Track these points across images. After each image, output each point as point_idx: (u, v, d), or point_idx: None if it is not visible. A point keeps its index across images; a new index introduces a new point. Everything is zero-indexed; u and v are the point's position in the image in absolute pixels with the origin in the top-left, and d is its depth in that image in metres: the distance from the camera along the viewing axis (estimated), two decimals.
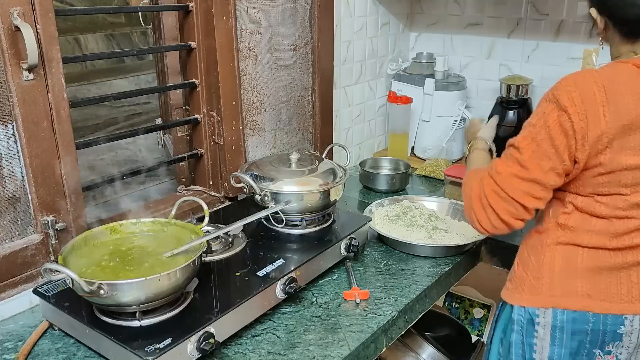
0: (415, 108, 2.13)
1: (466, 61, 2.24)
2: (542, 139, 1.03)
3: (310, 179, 1.40)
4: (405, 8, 2.27)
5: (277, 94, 1.72)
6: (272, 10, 1.62)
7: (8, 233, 1.19)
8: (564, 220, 1.11)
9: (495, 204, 1.07)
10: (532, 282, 1.12)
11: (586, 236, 1.09)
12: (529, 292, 1.12)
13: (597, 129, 1.01)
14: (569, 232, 1.10)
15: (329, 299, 1.27)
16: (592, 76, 1.03)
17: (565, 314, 1.08)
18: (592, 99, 1.01)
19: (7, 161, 1.16)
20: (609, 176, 1.05)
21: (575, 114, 1.01)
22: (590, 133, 1.01)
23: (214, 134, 1.57)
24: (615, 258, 1.08)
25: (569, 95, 1.02)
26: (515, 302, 1.13)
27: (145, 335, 1.00)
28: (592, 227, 1.09)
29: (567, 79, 1.04)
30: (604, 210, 1.08)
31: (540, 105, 1.06)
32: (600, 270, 1.09)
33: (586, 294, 1.08)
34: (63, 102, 1.20)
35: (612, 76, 1.04)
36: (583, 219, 1.09)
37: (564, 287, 1.09)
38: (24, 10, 1.10)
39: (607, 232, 1.08)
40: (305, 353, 1.09)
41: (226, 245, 1.32)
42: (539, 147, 1.04)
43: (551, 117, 1.03)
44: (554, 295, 1.09)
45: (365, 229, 1.47)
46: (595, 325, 1.08)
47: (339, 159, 1.96)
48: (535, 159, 1.04)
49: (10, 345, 1.11)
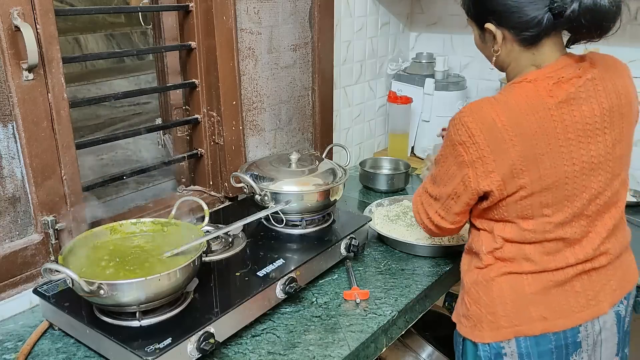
0: (415, 108, 2.13)
1: (466, 61, 2.24)
2: (442, 165, 1.11)
3: (310, 179, 1.40)
4: (405, 8, 2.27)
5: (277, 94, 1.72)
6: (272, 10, 1.62)
7: (8, 233, 1.19)
8: (500, 254, 1.11)
9: (421, 213, 1.21)
10: (489, 318, 1.11)
11: (525, 264, 1.09)
12: (489, 328, 1.11)
13: (506, 160, 1.01)
14: (508, 263, 1.10)
15: (329, 299, 1.27)
16: (491, 110, 1.02)
17: (527, 340, 1.09)
18: (494, 128, 1.01)
19: (7, 161, 1.16)
20: (530, 199, 1.04)
21: (472, 147, 1.03)
22: (497, 163, 1.02)
23: (214, 134, 1.57)
24: (557, 276, 1.09)
25: (466, 129, 1.03)
26: (478, 340, 1.13)
27: (145, 335, 1.00)
28: (528, 255, 1.09)
29: (463, 113, 1.05)
30: (532, 236, 1.07)
31: (446, 133, 1.10)
32: (547, 291, 1.10)
33: (542, 317, 1.09)
34: (63, 102, 1.20)
35: (510, 102, 1.03)
36: (517, 249, 1.09)
37: (519, 316, 1.09)
38: (24, 10, 1.10)
39: (542, 255, 1.09)
40: (305, 353, 1.09)
41: (226, 245, 1.32)
42: (439, 172, 1.13)
43: (448, 149, 1.08)
44: (513, 325, 1.10)
45: (365, 229, 1.47)
46: (557, 342, 1.10)
47: (339, 159, 1.96)
48: (438, 182, 1.13)
49: (10, 345, 1.11)
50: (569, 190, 1.05)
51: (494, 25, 1.07)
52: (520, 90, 1.04)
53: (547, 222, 1.06)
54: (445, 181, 1.11)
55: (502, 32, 1.07)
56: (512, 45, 1.07)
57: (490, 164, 1.02)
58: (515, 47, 1.07)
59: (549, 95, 1.02)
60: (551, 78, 1.04)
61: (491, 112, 1.02)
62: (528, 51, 1.07)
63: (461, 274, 1.21)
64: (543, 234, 1.07)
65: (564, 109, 1.02)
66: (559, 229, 1.07)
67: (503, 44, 1.08)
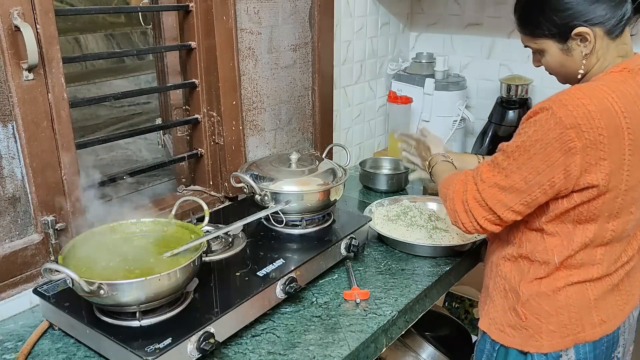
0: (415, 108, 2.13)
1: (466, 61, 2.24)
2: (535, 153, 0.99)
3: (310, 179, 1.40)
4: (405, 8, 2.27)
5: (277, 94, 1.72)
6: (272, 10, 1.62)
7: (8, 233, 1.19)
8: (570, 261, 1.08)
9: (475, 211, 1.07)
10: (550, 328, 1.09)
11: (593, 269, 1.08)
12: (549, 337, 1.10)
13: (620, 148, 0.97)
14: (575, 270, 1.08)
15: (329, 299, 1.27)
16: (607, 94, 0.97)
17: (586, 346, 1.10)
18: (612, 113, 0.96)
19: (7, 161, 1.16)
20: (628, 194, 1.02)
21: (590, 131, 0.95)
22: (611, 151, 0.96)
23: (214, 134, 1.57)
24: (613, 279, 1.11)
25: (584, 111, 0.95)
26: (534, 350, 1.10)
27: (145, 335, 1.00)
28: (597, 259, 1.07)
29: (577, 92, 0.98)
30: (611, 236, 1.06)
31: (540, 117, 1.00)
32: (606, 295, 1.11)
33: (601, 321, 1.10)
34: (63, 102, 1.20)
35: (620, 88, 0.99)
36: (588, 254, 1.07)
37: (583, 324, 1.09)
38: (24, 10, 1.10)
39: (609, 259, 1.09)
40: (305, 353, 1.09)
41: (226, 245, 1.32)
42: (529, 160, 1.00)
43: (552, 133, 0.97)
44: (575, 333, 1.09)
45: (365, 229, 1.47)
46: (607, 343, 1.12)
47: (339, 159, 1.96)
48: (522, 171, 1.01)
49: (10, 345, 1.11)
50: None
51: (585, 27, 1.02)
52: (622, 78, 1.02)
53: (629, 220, 1.05)
54: (541, 170, 0.99)
55: (593, 32, 1.03)
56: (601, 42, 1.04)
57: (605, 150, 0.96)
58: (604, 42, 1.04)
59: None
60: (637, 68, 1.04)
61: (608, 97, 0.97)
62: (614, 42, 1.05)
63: (504, 281, 1.16)
64: (621, 234, 1.06)
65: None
66: (633, 227, 1.07)
67: (594, 44, 1.04)
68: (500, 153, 1.06)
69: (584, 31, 1.03)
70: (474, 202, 1.07)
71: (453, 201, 1.11)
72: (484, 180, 1.06)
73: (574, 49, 1.06)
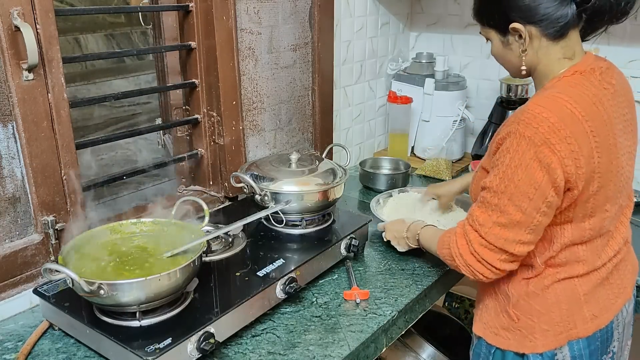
0: (415, 108, 2.13)
1: (466, 61, 2.24)
2: (520, 180, 0.98)
3: (310, 179, 1.40)
4: (405, 8, 2.27)
5: (277, 94, 1.72)
6: (272, 10, 1.62)
7: (8, 233, 1.19)
8: (553, 261, 1.09)
9: (487, 257, 1.05)
10: (543, 327, 1.09)
11: (577, 266, 1.09)
12: (542, 337, 1.09)
13: (588, 153, 0.98)
14: (561, 268, 1.09)
15: (329, 299, 1.27)
16: (565, 101, 0.98)
17: (580, 342, 1.10)
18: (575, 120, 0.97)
19: (7, 161, 1.16)
20: (601, 193, 1.03)
21: (560, 143, 0.95)
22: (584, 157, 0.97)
23: (214, 134, 1.57)
24: (602, 273, 1.12)
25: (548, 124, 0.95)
26: (529, 350, 1.10)
27: (145, 335, 1.00)
28: (581, 256, 1.08)
29: (536, 108, 0.98)
30: (590, 234, 1.07)
31: (510, 142, 0.99)
32: (595, 289, 1.11)
33: (593, 316, 1.10)
34: (63, 102, 1.20)
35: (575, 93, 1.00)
36: (571, 252, 1.08)
37: (575, 320, 1.09)
38: (24, 10, 1.10)
39: (593, 254, 1.09)
40: (305, 353, 1.09)
41: (226, 245, 1.32)
42: (517, 188, 0.99)
43: (527, 154, 0.96)
44: (568, 330, 1.09)
45: (365, 229, 1.47)
46: (602, 337, 1.12)
47: (339, 159, 1.96)
48: (515, 202, 0.99)
49: (10, 345, 1.11)
50: (622, 182, 1.06)
51: (520, 23, 1.03)
52: (576, 82, 1.02)
53: (605, 217, 1.06)
54: (532, 194, 0.97)
55: (528, 29, 1.04)
56: (539, 41, 1.05)
57: (580, 158, 0.96)
58: (543, 43, 1.05)
59: (604, 87, 1.03)
60: (594, 70, 1.04)
61: (567, 105, 0.98)
62: (557, 44, 1.05)
63: (495, 285, 1.16)
64: (599, 231, 1.07)
65: (616, 99, 1.04)
66: (611, 223, 1.08)
67: (530, 42, 1.05)
68: (486, 192, 1.04)
69: (518, 27, 1.04)
70: (483, 248, 1.05)
71: (462, 257, 1.08)
72: (482, 224, 1.04)
73: (512, 44, 1.08)
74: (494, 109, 2.09)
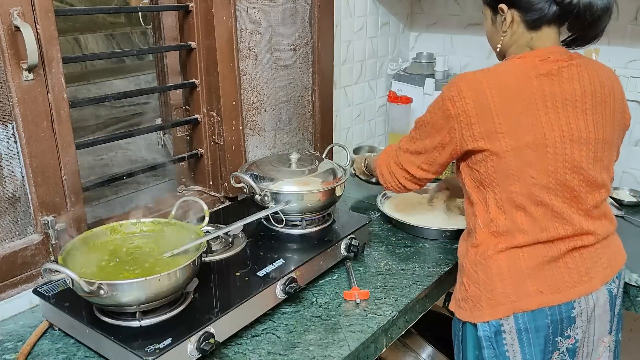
0: (415, 108, 2.13)
1: (466, 61, 2.24)
2: (428, 122, 1.20)
3: (310, 179, 1.40)
4: (405, 8, 2.27)
5: (277, 94, 1.72)
6: (272, 10, 1.62)
7: (8, 233, 1.19)
8: (494, 228, 1.15)
9: (396, 173, 1.31)
10: (487, 296, 1.14)
11: (519, 235, 1.13)
12: (488, 306, 1.14)
13: (487, 114, 1.09)
14: (503, 237, 1.15)
15: (329, 299, 1.27)
16: (479, 75, 1.13)
17: (525, 315, 1.12)
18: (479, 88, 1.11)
19: (7, 161, 1.16)
20: (514, 154, 1.09)
21: (460, 101, 1.11)
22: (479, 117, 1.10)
23: (214, 134, 1.57)
24: (550, 250, 1.14)
25: (456, 87, 1.12)
26: (478, 320, 1.15)
27: (145, 335, 1.00)
28: (520, 226, 1.13)
29: (459, 76, 1.16)
30: (521, 200, 1.12)
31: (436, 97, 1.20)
32: (542, 265, 1.13)
33: (538, 291, 1.12)
34: (63, 102, 1.20)
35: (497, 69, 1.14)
36: (510, 221, 1.14)
37: (517, 292, 1.12)
38: (24, 10, 1.10)
39: (534, 227, 1.13)
40: (305, 353, 1.09)
41: (226, 245, 1.32)
42: (426, 128, 1.21)
43: (436, 105, 1.17)
44: (511, 302, 1.12)
45: (365, 229, 1.47)
46: (552, 317, 1.13)
47: (339, 159, 1.96)
48: (423, 138, 1.22)
49: (10, 345, 1.11)
50: (551, 155, 1.10)
51: (506, 5, 1.16)
52: (509, 63, 1.16)
53: (532, 184, 1.11)
54: (432, 134, 1.19)
55: (511, 13, 1.16)
56: (517, 27, 1.16)
57: (473, 117, 1.11)
58: (519, 30, 1.16)
59: (532, 68, 1.12)
60: (538, 57, 1.13)
61: (479, 76, 1.13)
62: (528, 34, 1.16)
63: (459, 259, 1.25)
64: (531, 198, 1.11)
65: (544, 81, 1.11)
66: (545, 194, 1.11)
67: (510, 26, 1.17)
68: (413, 127, 1.28)
69: (503, 8, 1.16)
70: (395, 166, 1.31)
71: (380, 168, 1.36)
72: (400, 148, 1.30)
73: (497, 23, 1.21)
74: None
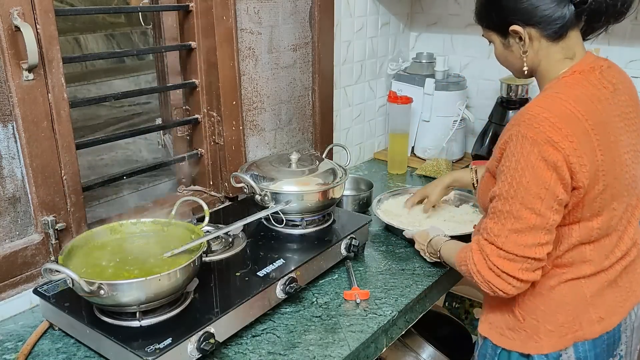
0: (415, 108, 2.13)
1: (466, 61, 2.24)
2: (529, 182, 0.97)
3: (310, 179, 1.40)
4: (405, 8, 2.27)
5: (277, 94, 1.72)
6: (272, 10, 1.62)
7: (8, 233, 1.19)
8: (560, 261, 1.08)
9: (508, 268, 1.01)
10: (548, 328, 1.08)
11: (584, 266, 1.08)
12: (547, 337, 1.08)
13: (591, 151, 0.98)
14: (567, 268, 1.08)
15: (329, 299, 1.27)
16: (564, 101, 0.99)
17: (586, 344, 1.09)
18: (575, 120, 0.97)
19: (7, 161, 1.16)
20: (607, 191, 1.03)
21: (562, 141, 0.95)
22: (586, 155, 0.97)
23: (214, 134, 1.57)
24: (610, 275, 1.11)
25: (549, 124, 0.96)
26: (534, 352, 1.09)
27: (145, 335, 1.00)
28: (588, 257, 1.07)
29: (535, 108, 0.99)
30: (598, 234, 1.06)
31: (513, 145, 0.99)
32: (603, 290, 1.10)
33: (599, 318, 1.09)
34: (63, 102, 1.20)
35: (574, 93, 1.01)
36: (578, 252, 1.07)
37: (581, 322, 1.09)
38: (24, 10, 1.10)
39: (600, 254, 1.09)
40: (306, 353, 1.09)
41: (226, 245, 1.32)
42: (527, 191, 0.97)
43: (532, 155, 0.96)
44: (574, 331, 1.08)
45: (365, 229, 1.47)
46: (609, 340, 1.11)
47: (339, 159, 1.96)
48: (528, 205, 0.98)
49: (10, 345, 1.11)
50: (627, 180, 1.06)
51: (519, 25, 1.05)
52: (575, 82, 1.04)
53: (613, 216, 1.05)
54: (542, 194, 0.96)
55: (528, 31, 1.05)
56: (539, 42, 1.06)
57: (583, 156, 0.97)
58: (543, 44, 1.06)
59: (603, 86, 1.04)
60: (594, 69, 1.05)
61: (566, 105, 0.98)
62: (557, 44, 1.06)
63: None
64: (607, 230, 1.07)
65: (616, 98, 1.05)
66: (618, 223, 1.08)
67: (530, 43, 1.06)
68: (496, 201, 1.02)
69: (517, 30, 1.05)
70: (502, 260, 1.01)
71: (480, 274, 1.04)
72: (498, 235, 1.01)
73: (512, 45, 1.09)
74: (494, 109, 2.08)
